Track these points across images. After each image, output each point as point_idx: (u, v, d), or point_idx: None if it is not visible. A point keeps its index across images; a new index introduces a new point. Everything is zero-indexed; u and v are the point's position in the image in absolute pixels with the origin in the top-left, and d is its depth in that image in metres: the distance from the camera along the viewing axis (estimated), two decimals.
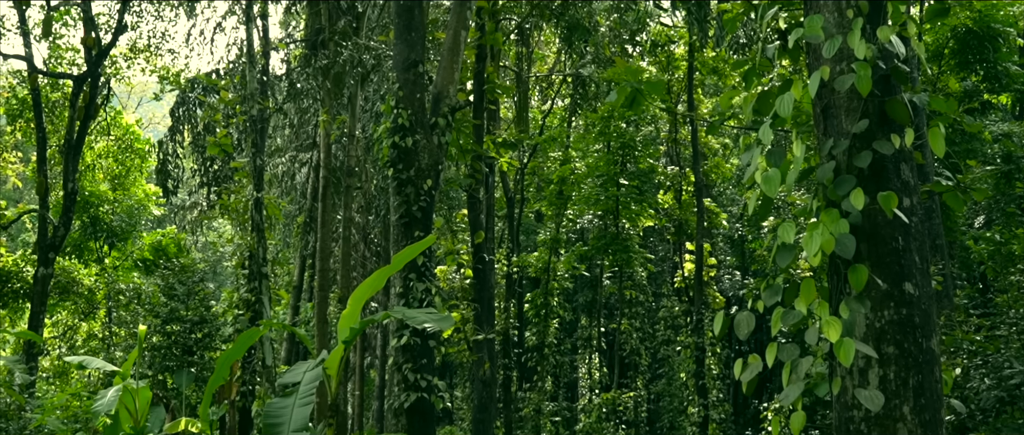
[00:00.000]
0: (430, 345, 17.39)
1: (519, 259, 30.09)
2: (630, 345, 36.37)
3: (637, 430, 39.37)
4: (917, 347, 5.52)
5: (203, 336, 21.82)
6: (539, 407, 29.27)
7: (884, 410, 5.39)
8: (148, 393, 14.84)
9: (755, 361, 5.76)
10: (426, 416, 17.04)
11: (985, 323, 15.29)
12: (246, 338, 11.15)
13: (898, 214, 5.44)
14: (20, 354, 25.83)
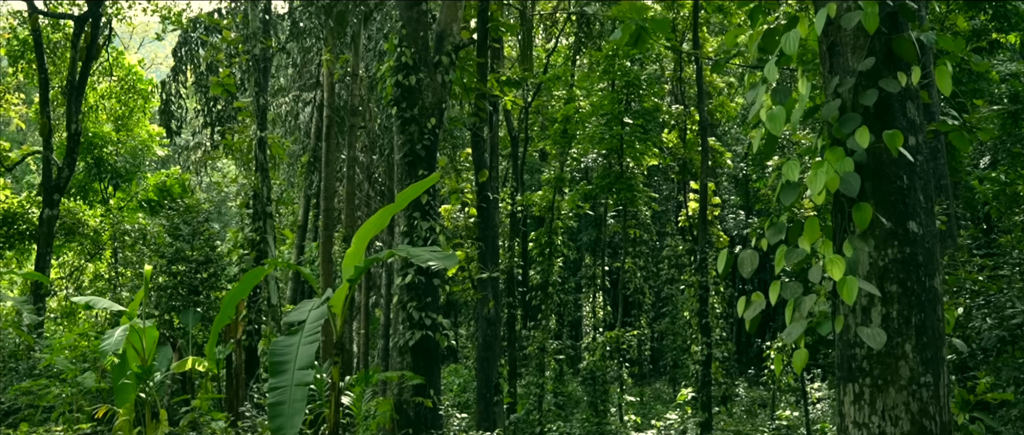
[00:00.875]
0: (435, 283, 17.47)
1: (523, 198, 30.11)
2: (634, 284, 36.52)
3: (640, 368, 39.73)
4: (920, 286, 5.53)
5: (209, 276, 21.90)
6: (543, 345, 29.46)
7: (886, 348, 5.42)
8: (155, 332, 14.95)
9: (758, 299, 5.78)
10: (431, 354, 17.17)
11: (988, 263, 15.30)
12: (251, 277, 11.21)
13: (903, 153, 5.42)
14: (27, 295, 26.01)
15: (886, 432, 5.35)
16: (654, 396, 36.23)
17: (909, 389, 5.38)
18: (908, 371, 5.40)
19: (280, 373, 10.64)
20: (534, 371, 29.06)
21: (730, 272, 32.05)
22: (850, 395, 5.57)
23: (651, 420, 26.67)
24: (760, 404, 31.14)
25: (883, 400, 5.40)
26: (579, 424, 26.93)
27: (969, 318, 14.07)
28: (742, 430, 25.26)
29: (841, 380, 5.68)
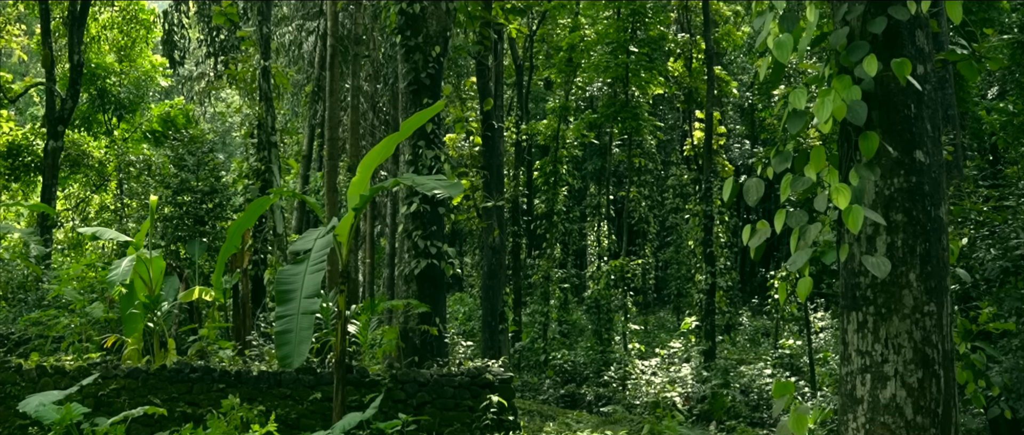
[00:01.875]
0: (440, 212, 17.49)
1: (528, 127, 30.01)
2: (639, 213, 36.56)
3: (644, 297, 39.92)
4: (925, 215, 5.53)
5: (214, 206, 21.94)
6: (548, 274, 29.59)
7: (890, 277, 5.44)
8: (162, 263, 15.03)
9: (763, 227, 5.78)
10: (436, 282, 17.25)
11: (994, 194, 15.27)
12: (257, 207, 11.23)
13: (911, 81, 5.38)
14: (34, 226, 26.10)
15: (889, 360, 5.39)
16: (658, 325, 36.47)
17: (912, 318, 5.40)
18: (912, 300, 5.41)
19: (286, 302, 10.72)
20: (539, 300, 29.24)
21: (735, 201, 32.07)
22: (853, 323, 5.59)
23: (655, 348, 26.89)
24: (763, 333, 31.36)
25: (886, 328, 5.43)
26: (583, 352, 27.16)
27: (973, 248, 14.09)
28: (745, 359, 25.47)
29: (845, 309, 5.71)
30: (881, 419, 5.34)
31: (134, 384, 13.34)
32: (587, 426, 15.48)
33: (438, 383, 14.05)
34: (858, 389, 5.54)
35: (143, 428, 12.12)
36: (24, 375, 13.43)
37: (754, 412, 20.33)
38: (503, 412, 13.94)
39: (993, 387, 7.87)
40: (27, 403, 8.14)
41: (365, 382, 13.72)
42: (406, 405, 13.66)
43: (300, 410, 13.41)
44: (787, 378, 21.35)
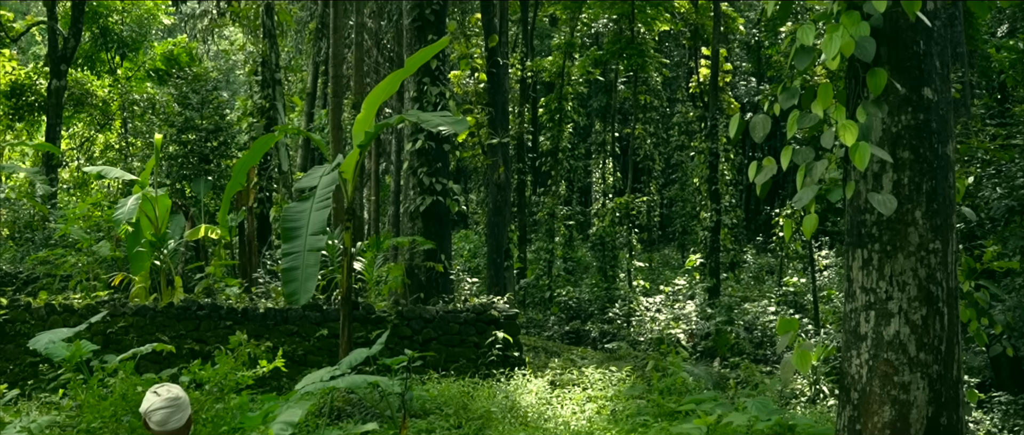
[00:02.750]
0: (445, 149, 17.47)
1: (533, 63, 29.82)
2: (644, 150, 36.46)
3: (649, 234, 39.96)
4: (932, 153, 5.50)
5: (219, 144, 21.91)
6: (553, 211, 29.60)
7: (896, 214, 5.43)
8: (167, 201, 15.04)
9: (769, 164, 5.76)
10: (441, 219, 17.28)
11: (1001, 132, 15.20)
12: (262, 144, 11.21)
13: (921, 17, 5.32)
14: (39, 166, 26.10)
15: (893, 297, 5.40)
16: (663, 262, 36.56)
17: (917, 255, 5.40)
18: (917, 237, 5.41)
19: (292, 239, 10.75)
20: (544, 237, 29.28)
21: (740, 139, 31.96)
22: (858, 261, 5.60)
23: (659, 285, 26.99)
24: (768, 271, 31.43)
25: (891, 266, 5.43)
26: (588, 289, 27.26)
27: (979, 187, 14.06)
28: (749, 296, 25.57)
29: (850, 246, 5.71)
30: (884, 356, 5.37)
31: (142, 322, 13.44)
32: (592, 362, 15.59)
33: (444, 319, 14.14)
34: (862, 326, 5.56)
35: (151, 365, 12.23)
36: (33, 313, 13.53)
37: (758, 349, 20.45)
38: (508, 348, 14.03)
39: (996, 325, 7.89)
40: (37, 341, 8.21)
41: (371, 319, 13.80)
42: (412, 341, 13.76)
43: (306, 347, 13.51)
44: (791, 315, 21.45)
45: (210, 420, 7.42)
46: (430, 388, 11.50)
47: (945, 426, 5.41)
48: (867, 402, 5.44)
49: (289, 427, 6.61)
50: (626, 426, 9.36)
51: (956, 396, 5.51)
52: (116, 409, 7.35)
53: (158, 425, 5.01)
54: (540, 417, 10.41)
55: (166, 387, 5.12)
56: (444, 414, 10.39)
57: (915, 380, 5.30)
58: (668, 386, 11.57)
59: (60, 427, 8.43)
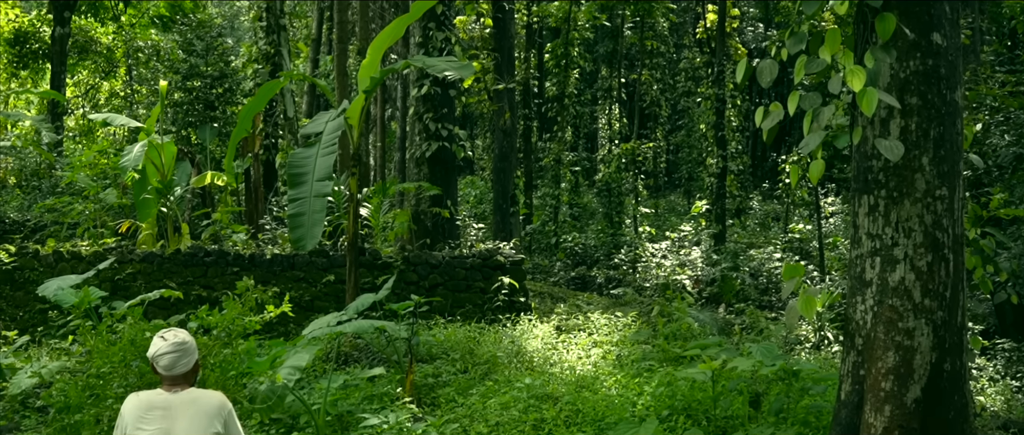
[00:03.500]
0: (450, 95, 17.39)
1: (539, 8, 29.58)
2: (650, 96, 36.29)
3: (656, 180, 39.90)
4: (941, 99, 5.47)
5: (224, 91, 21.86)
6: (559, 157, 29.55)
7: (903, 160, 5.41)
8: (173, 148, 15.04)
9: (776, 109, 5.73)
10: (447, 165, 17.26)
11: (1010, 79, 15.07)
12: (267, 90, 11.17)
13: None
14: (45, 114, 26.08)
15: (899, 243, 5.40)
16: (669, 208, 36.55)
17: (924, 202, 5.39)
18: (924, 184, 5.40)
19: (299, 185, 10.75)
20: (550, 183, 29.26)
21: (747, 85, 31.77)
22: (865, 207, 5.59)
23: (665, 232, 26.99)
24: (774, 217, 31.41)
25: (897, 212, 5.43)
26: (594, 235, 27.30)
27: (987, 134, 13.99)
28: (755, 243, 25.57)
29: (856, 192, 5.70)
30: (889, 302, 5.38)
31: (149, 268, 13.50)
32: (597, 308, 15.66)
33: (450, 265, 14.18)
34: (867, 272, 5.57)
35: (159, 311, 12.31)
36: (41, 260, 13.59)
37: (763, 295, 20.50)
38: (514, 293, 14.09)
39: (1001, 273, 7.90)
40: (46, 287, 8.26)
41: (377, 264, 13.85)
42: (418, 287, 13.81)
43: (313, 292, 13.58)
44: (796, 262, 21.47)
45: (218, 365, 7.48)
46: (436, 333, 11.57)
47: (948, 372, 5.44)
48: (871, 348, 5.46)
49: (296, 372, 6.66)
50: (631, 371, 9.41)
51: (960, 342, 5.54)
52: (125, 354, 7.41)
53: (166, 369, 5.05)
54: (546, 362, 10.47)
55: (173, 332, 5.16)
56: (450, 359, 10.46)
57: (919, 326, 5.32)
58: (673, 331, 11.62)
59: (70, 372, 8.50)
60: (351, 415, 7.68)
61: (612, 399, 7.98)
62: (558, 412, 7.65)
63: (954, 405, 5.47)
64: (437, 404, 8.64)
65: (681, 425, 7.07)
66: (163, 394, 5.02)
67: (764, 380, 7.73)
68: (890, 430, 5.24)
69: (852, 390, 5.64)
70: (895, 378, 5.30)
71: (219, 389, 7.01)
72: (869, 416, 5.36)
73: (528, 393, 8.19)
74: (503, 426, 7.43)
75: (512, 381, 8.87)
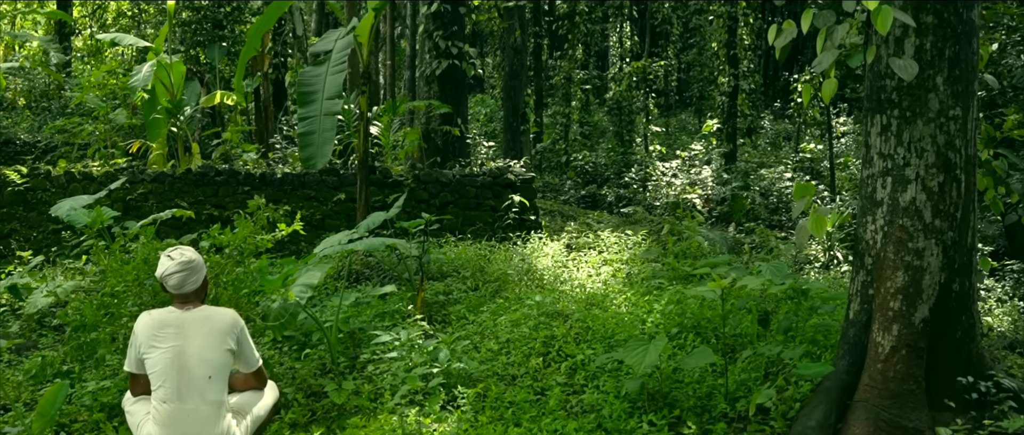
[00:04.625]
0: (460, 12, 17.24)
1: None
2: (661, 13, 35.88)
3: (666, 99, 39.69)
4: (957, 17, 5.40)
5: (232, 9, 21.64)
6: (569, 75, 29.36)
7: (917, 80, 5.36)
8: (182, 67, 14.98)
9: (789, 27, 5.66)
10: (457, 83, 17.18)
11: None
12: (275, 9, 11.08)
13: None
14: (52, 34, 25.94)
15: (910, 163, 5.38)
16: (679, 127, 36.41)
17: (937, 122, 5.36)
18: (937, 103, 5.36)
19: (308, 103, 10.72)
20: (560, 101, 29.13)
21: (760, 2, 31.35)
22: (877, 126, 5.56)
23: (676, 150, 26.92)
24: (785, 137, 31.28)
25: (910, 132, 5.40)
26: (604, 153, 27.25)
27: (1003, 54, 13.82)
28: (766, 162, 25.52)
29: (869, 111, 5.66)
30: (900, 222, 5.38)
31: (161, 188, 13.54)
32: (607, 226, 15.69)
33: (460, 183, 14.19)
34: (878, 192, 5.56)
35: (171, 230, 12.39)
36: (53, 181, 13.64)
37: (773, 215, 20.52)
38: (524, 212, 14.12)
39: (1012, 194, 7.87)
40: (59, 208, 8.30)
41: (388, 183, 13.87)
42: (429, 205, 13.85)
43: (324, 211, 13.63)
44: (807, 182, 21.43)
45: (230, 283, 7.54)
46: (447, 251, 11.63)
47: (957, 292, 5.46)
48: (881, 267, 5.48)
49: (308, 289, 6.72)
50: (641, 289, 9.47)
51: (969, 263, 5.55)
52: (139, 273, 7.48)
53: (175, 288, 5.11)
54: (556, 280, 10.53)
55: (180, 250, 5.20)
56: (461, 276, 10.52)
57: (929, 246, 5.33)
58: (683, 250, 11.66)
59: (85, 291, 8.59)
60: (363, 332, 7.76)
61: (622, 317, 8.04)
62: (568, 329, 7.72)
63: (962, 325, 5.50)
64: (448, 321, 8.72)
65: (690, 342, 7.13)
66: (175, 312, 5.09)
67: (773, 299, 7.77)
68: (897, 349, 5.28)
69: (861, 309, 5.67)
70: (904, 298, 5.32)
71: (232, 307, 7.08)
72: (877, 335, 5.39)
73: (538, 310, 8.26)
74: (513, 343, 7.51)
75: (522, 299, 8.93)
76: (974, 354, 5.58)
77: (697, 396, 6.05)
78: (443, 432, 5.53)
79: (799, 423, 5.32)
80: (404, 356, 6.77)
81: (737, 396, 5.99)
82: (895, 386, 5.25)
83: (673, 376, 6.33)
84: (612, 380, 6.37)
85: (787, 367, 6.33)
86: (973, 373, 5.49)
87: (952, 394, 5.43)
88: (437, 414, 5.93)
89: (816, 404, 5.43)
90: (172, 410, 4.87)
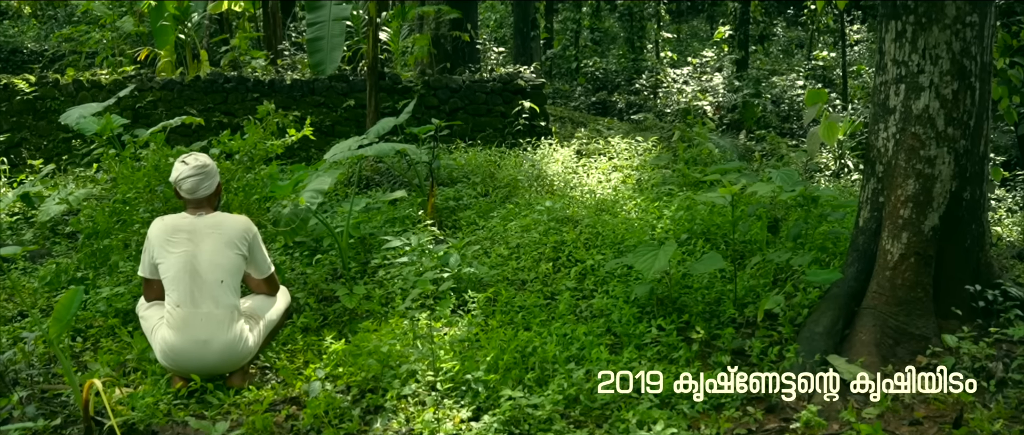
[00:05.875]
0: None
1: None
2: None
3: (678, 5, 39.14)
4: None
5: None
6: None
7: None
8: None
9: None
10: None
11: None
12: None
13: None
14: None
15: (924, 70, 5.33)
16: (691, 33, 35.99)
17: (953, 28, 5.29)
18: (954, 9, 5.28)
19: (317, 9, 10.63)
20: (571, 6, 28.79)
21: None
22: (891, 33, 5.50)
23: (687, 57, 26.68)
24: (797, 44, 30.95)
25: (925, 38, 5.33)
26: (615, 60, 27.03)
27: None
28: (778, 70, 25.29)
29: (883, 17, 5.59)
30: (912, 129, 5.35)
31: (169, 95, 13.52)
32: (618, 132, 15.65)
33: (470, 89, 14.13)
34: (891, 99, 5.52)
35: (181, 138, 12.40)
36: (62, 90, 13.61)
37: (784, 122, 20.40)
38: (534, 118, 14.08)
39: None
40: (68, 116, 8.28)
41: (397, 88, 13.82)
42: (438, 111, 13.81)
43: (334, 117, 13.61)
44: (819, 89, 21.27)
45: (241, 189, 7.57)
46: (457, 157, 11.63)
47: (967, 201, 5.45)
48: (892, 175, 5.46)
49: (319, 195, 6.74)
50: (651, 195, 9.48)
51: (981, 172, 5.53)
52: (149, 180, 7.50)
53: (188, 193, 5.14)
54: (566, 185, 10.55)
55: (194, 155, 5.22)
56: (471, 182, 10.54)
57: (941, 154, 5.30)
58: (693, 157, 11.64)
59: (96, 199, 8.64)
60: (373, 238, 7.81)
61: (631, 222, 8.07)
62: (578, 235, 7.75)
63: (971, 233, 5.51)
64: (458, 227, 8.76)
65: (700, 248, 7.16)
66: (188, 218, 5.13)
67: (783, 206, 7.78)
68: (906, 256, 5.30)
69: (870, 217, 5.67)
70: (914, 205, 5.31)
71: (242, 213, 7.12)
72: (886, 242, 5.40)
73: (548, 216, 8.29)
74: (523, 248, 7.55)
75: (532, 204, 8.96)
76: (983, 263, 5.60)
77: (706, 301, 6.10)
78: (454, 335, 5.60)
79: (806, 329, 5.36)
80: (415, 261, 6.82)
81: (746, 302, 6.04)
82: (903, 293, 5.28)
83: (682, 281, 6.38)
84: (621, 285, 6.42)
85: (796, 273, 6.37)
86: (981, 282, 5.51)
87: (959, 302, 5.46)
88: (448, 318, 5.99)
89: (824, 310, 5.47)
90: (185, 314, 4.93)
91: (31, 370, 5.24)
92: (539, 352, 5.17)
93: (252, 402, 4.84)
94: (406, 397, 4.80)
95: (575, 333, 5.53)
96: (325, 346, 5.48)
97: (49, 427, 4.36)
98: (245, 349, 5.06)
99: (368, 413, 4.74)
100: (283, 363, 5.47)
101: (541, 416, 4.44)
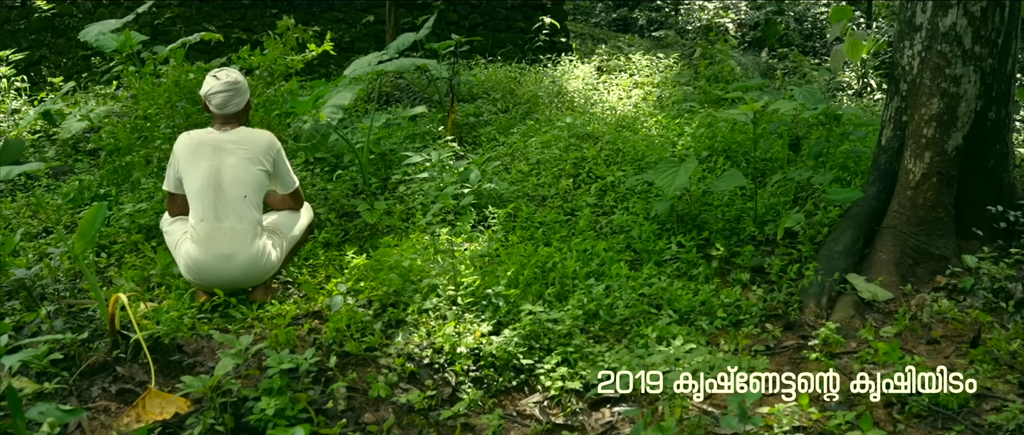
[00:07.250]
0: None
1: None
2: None
3: None
4: None
5: None
6: None
7: None
8: None
9: None
10: None
11: None
12: None
13: None
14: None
15: None
16: None
17: None
18: None
19: None
20: None
21: None
22: None
23: None
24: None
25: None
26: None
27: None
28: None
29: None
30: (938, 47, 5.28)
31: (188, 12, 13.45)
32: (639, 49, 15.51)
33: (490, 4, 14.01)
34: (917, 16, 5.45)
35: (200, 54, 12.36)
36: (79, 6, 13.55)
37: (807, 41, 20.14)
38: (555, 34, 13.97)
39: None
40: (87, 32, 8.26)
41: (417, 4, 13.71)
42: (459, 26, 13.72)
43: (353, 33, 13.54)
44: (844, 5, 20.93)
45: (261, 104, 7.57)
46: (477, 73, 11.57)
47: (992, 121, 5.40)
48: (916, 94, 5.42)
49: (339, 111, 6.74)
50: (672, 112, 9.43)
51: (1007, 92, 5.47)
52: (170, 96, 7.51)
53: (218, 108, 5.15)
54: (587, 102, 10.50)
55: (225, 71, 5.22)
56: (491, 98, 10.51)
57: (967, 73, 5.24)
58: (715, 74, 11.54)
59: (117, 116, 8.66)
60: (394, 153, 7.82)
61: (652, 139, 8.05)
62: (598, 151, 7.74)
63: (995, 154, 5.47)
64: (478, 142, 8.77)
65: (720, 166, 7.15)
66: (214, 133, 5.14)
67: (805, 124, 7.73)
68: (929, 176, 5.27)
69: (893, 136, 5.64)
70: (938, 125, 5.27)
71: (264, 128, 7.14)
72: (908, 162, 5.38)
73: (568, 132, 8.27)
74: (544, 164, 7.56)
75: (553, 120, 8.94)
76: (1005, 183, 5.57)
77: (726, 219, 6.11)
78: (474, 250, 5.64)
79: (826, 247, 5.37)
80: (435, 177, 6.84)
81: (766, 220, 6.04)
82: (924, 213, 5.27)
83: (702, 199, 6.38)
84: (642, 202, 6.43)
85: (816, 192, 6.36)
86: (1003, 202, 5.49)
87: (980, 222, 5.44)
88: (468, 233, 6.03)
89: (844, 229, 5.47)
90: (209, 229, 4.97)
91: (57, 285, 5.32)
92: (559, 267, 5.21)
93: (275, 316, 4.91)
94: (427, 311, 4.85)
95: (595, 249, 5.56)
96: (346, 261, 5.53)
97: (77, 340, 4.43)
98: (268, 263, 5.11)
99: (389, 327, 4.80)
100: (305, 278, 5.53)
101: (561, 330, 4.49)
